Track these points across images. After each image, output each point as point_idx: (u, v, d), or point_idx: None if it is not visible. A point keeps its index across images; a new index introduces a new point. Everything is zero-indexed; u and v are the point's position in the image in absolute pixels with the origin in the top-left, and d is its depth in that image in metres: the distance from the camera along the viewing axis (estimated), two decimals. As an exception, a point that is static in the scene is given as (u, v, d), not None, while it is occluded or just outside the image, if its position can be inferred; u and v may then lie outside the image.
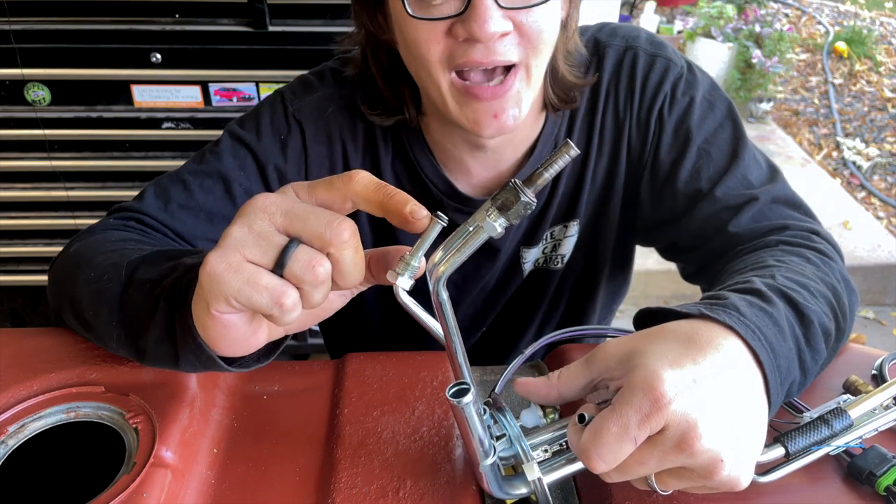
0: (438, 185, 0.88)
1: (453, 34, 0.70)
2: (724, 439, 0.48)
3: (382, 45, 0.81)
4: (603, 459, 0.48)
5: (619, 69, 0.86)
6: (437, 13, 0.70)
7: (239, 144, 0.85)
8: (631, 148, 0.89)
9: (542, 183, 0.48)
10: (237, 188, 0.84)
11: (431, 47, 0.71)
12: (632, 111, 0.87)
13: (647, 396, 0.47)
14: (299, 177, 0.87)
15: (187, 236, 0.81)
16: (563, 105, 0.85)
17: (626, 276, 1.10)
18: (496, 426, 0.57)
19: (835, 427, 0.59)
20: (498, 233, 0.48)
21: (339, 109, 0.87)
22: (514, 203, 0.46)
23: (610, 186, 0.91)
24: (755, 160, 0.85)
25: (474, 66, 0.71)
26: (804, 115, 4.31)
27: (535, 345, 0.67)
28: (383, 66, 0.83)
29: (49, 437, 0.64)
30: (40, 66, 1.61)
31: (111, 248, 0.71)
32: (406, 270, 0.50)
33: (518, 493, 0.56)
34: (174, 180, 0.83)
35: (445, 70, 0.73)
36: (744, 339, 0.54)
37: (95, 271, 0.67)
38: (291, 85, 0.90)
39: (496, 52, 0.70)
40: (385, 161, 0.89)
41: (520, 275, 0.98)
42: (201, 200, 0.82)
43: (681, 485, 0.51)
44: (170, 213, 0.81)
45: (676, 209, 0.86)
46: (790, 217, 0.81)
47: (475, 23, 0.67)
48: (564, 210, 0.93)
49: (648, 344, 0.52)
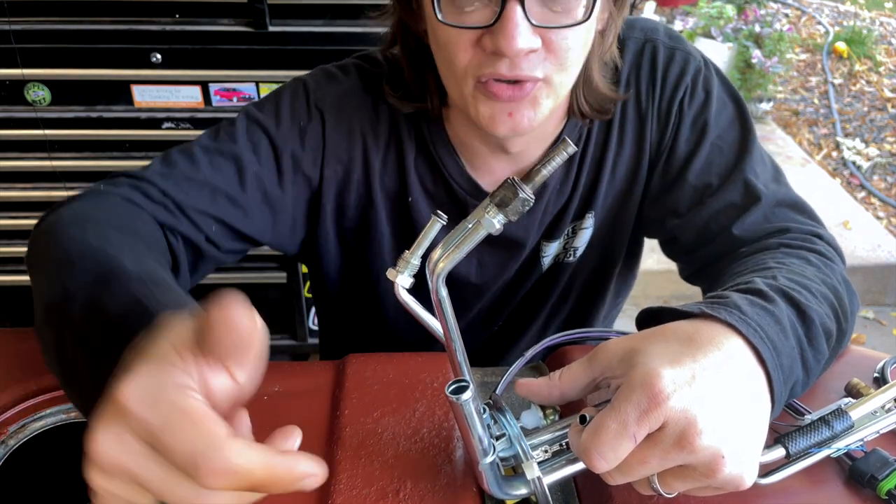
0: (462, 185, 0.88)
1: (481, 45, 0.69)
2: (724, 436, 0.48)
3: (412, 32, 0.80)
4: (603, 457, 0.48)
5: (639, 61, 0.86)
6: (468, 21, 0.68)
7: (256, 126, 0.83)
8: (652, 139, 0.89)
9: (541, 180, 0.49)
10: (248, 171, 0.82)
11: (459, 54, 0.71)
12: (653, 102, 0.86)
13: (646, 393, 0.47)
14: (314, 166, 0.86)
15: (185, 206, 0.78)
16: (595, 115, 0.84)
17: (634, 269, 1.10)
18: (496, 426, 0.57)
19: (836, 428, 0.59)
20: (496, 229, 0.48)
21: (361, 104, 0.86)
22: (513, 200, 0.47)
23: (633, 180, 0.91)
24: (762, 159, 0.85)
25: (498, 78, 0.70)
26: (804, 115, 4.30)
27: (536, 347, 0.67)
28: (411, 49, 0.82)
29: (49, 437, 0.64)
30: (40, 66, 1.61)
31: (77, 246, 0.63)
32: (406, 268, 0.50)
33: (518, 494, 0.56)
34: (183, 153, 0.81)
35: (469, 77, 0.72)
36: (745, 336, 0.54)
37: (51, 275, 0.61)
38: (314, 74, 0.88)
39: (521, 68, 0.69)
40: (409, 159, 0.88)
41: (539, 269, 0.98)
42: (207, 175, 0.80)
43: (684, 486, 0.51)
44: (172, 181, 0.78)
45: (684, 202, 0.86)
46: (793, 220, 0.81)
47: (503, 38, 0.66)
48: (584, 203, 0.92)
49: (648, 343, 0.52)
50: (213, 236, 0.82)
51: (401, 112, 0.86)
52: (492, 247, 0.92)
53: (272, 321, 2.03)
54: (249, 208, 0.83)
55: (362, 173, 0.88)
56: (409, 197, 0.89)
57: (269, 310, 2.01)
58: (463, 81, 0.73)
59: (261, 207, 0.84)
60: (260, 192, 0.83)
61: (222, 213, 0.81)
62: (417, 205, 0.90)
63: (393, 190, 0.90)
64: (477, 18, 0.68)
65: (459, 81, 0.73)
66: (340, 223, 0.91)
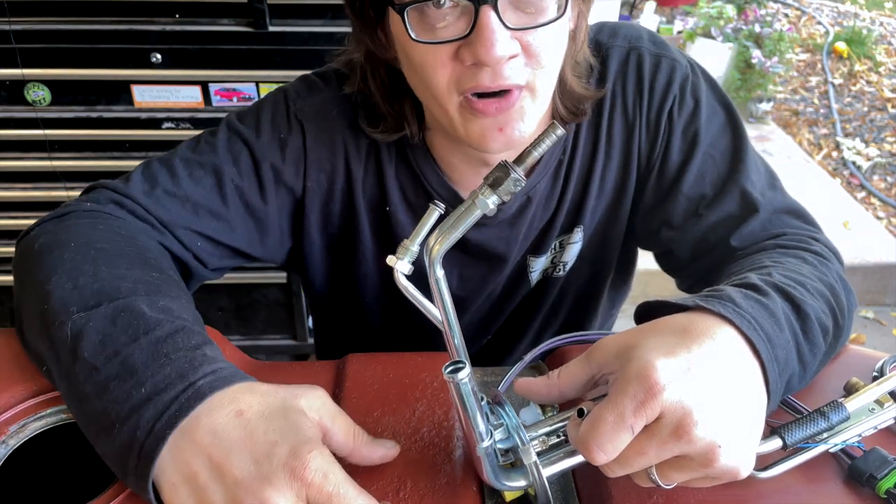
0: (443, 195, 0.87)
1: (460, 58, 0.68)
2: (720, 425, 0.49)
3: (382, 62, 0.78)
4: (602, 449, 0.49)
5: (624, 71, 0.85)
6: (442, 36, 0.67)
7: (236, 138, 0.83)
8: (640, 150, 0.87)
9: (531, 161, 0.52)
10: (228, 183, 0.82)
11: (438, 71, 0.69)
12: (641, 113, 0.85)
13: (642, 385, 0.48)
14: (297, 178, 0.86)
15: (169, 224, 0.79)
16: (572, 118, 0.83)
17: (628, 280, 1.09)
18: (494, 417, 0.57)
19: (831, 419, 0.59)
20: (490, 209, 0.51)
21: (342, 113, 0.85)
22: (504, 180, 0.50)
23: (622, 191, 0.90)
24: (756, 165, 0.84)
25: (483, 90, 0.69)
26: (804, 115, 4.30)
27: (535, 351, 0.67)
28: (383, 83, 0.80)
29: (49, 437, 0.64)
30: (40, 66, 1.61)
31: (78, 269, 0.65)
32: (406, 255, 0.52)
33: (515, 486, 0.56)
34: (164, 165, 0.81)
35: (454, 93, 0.70)
36: (739, 328, 0.54)
37: (48, 298, 0.62)
38: (295, 84, 0.88)
39: (504, 76, 0.67)
40: (388, 169, 0.87)
41: (527, 284, 0.97)
42: (189, 190, 0.80)
43: (682, 476, 0.51)
44: (154, 199, 0.78)
45: (678, 214, 0.85)
46: (791, 226, 0.81)
47: (482, 47, 0.64)
48: (572, 218, 0.92)
49: (643, 337, 0.53)
50: (200, 252, 0.82)
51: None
52: (473, 259, 0.92)
53: (272, 321, 2.03)
54: (233, 221, 0.83)
55: (345, 182, 0.88)
56: (387, 206, 0.89)
57: (269, 310, 2.01)
58: (447, 100, 0.71)
59: (245, 220, 0.84)
60: (242, 204, 0.83)
61: (205, 228, 0.81)
62: (397, 214, 0.89)
63: (374, 198, 0.89)
64: (451, 32, 0.67)
65: (443, 101, 0.71)
66: (326, 231, 0.91)
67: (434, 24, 0.67)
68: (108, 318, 0.59)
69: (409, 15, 0.66)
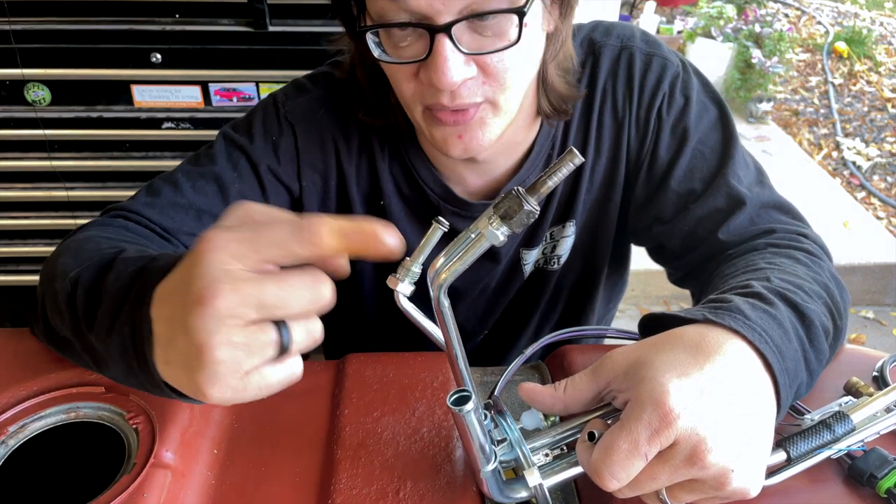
0: (435, 190, 0.88)
1: (419, 78, 0.70)
2: (733, 450, 0.48)
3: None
4: (615, 477, 0.48)
5: (615, 68, 0.86)
6: (404, 55, 0.69)
7: (233, 147, 0.86)
8: (630, 147, 0.88)
9: (546, 191, 0.47)
10: (230, 188, 0.83)
11: (403, 85, 0.72)
12: (630, 110, 0.86)
13: (656, 412, 0.47)
14: (292, 178, 0.87)
15: (173, 231, 0.80)
16: (556, 116, 0.84)
17: (624, 275, 1.10)
18: (496, 430, 0.57)
19: (837, 432, 0.59)
20: (500, 241, 0.47)
21: (331, 111, 0.87)
22: (517, 212, 0.45)
23: (611, 187, 0.91)
24: (744, 161, 0.85)
25: (442, 108, 0.71)
26: (804, 115, 4.31)
27: (535, 346, 0.67)
28: (370, 74, 0.82)
29: (49, 438, 0.64)
30: (40, 66, 1.61)
31: (83, 248, 0.68)
32: (407, 276, 0.49)
33: (519, 497, 0.56)
34: (167, 181, 0.83)
35: (418, 104, 0.73)
36: (751, 342, 0.54)
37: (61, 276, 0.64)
38: (284, 88, 0.90)
39: (461, 96, 0.69)
40: (381, 164, 0.88)
41: (520, 276, 0.98)
42: (191, 198, 0.82)
43: (692, 497, 0.51)
44: (158, 209, 0.80)
45: (668, 209, 0.86)
46: (778, 221, 0.81)
47: (435, 73, 0.65)
48: (562, 210, 0.93)
49: (655, 354, 0.52)
50: None
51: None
52: None
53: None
54: None
55: (338, 180, 0.89)
56: (381, 200, 0.90)
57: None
58: (413, 108, 0.74)
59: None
60: None
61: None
62: (391, 207, 0.90)
63: (369, 194, 0.91)
64: (411, 53, 0.68)
65: (410, 109, 0.75)
66: None
67: (398, 42, 0.68)
68: (101, 266, 0.60)
69: (376, 32, 0.69)
